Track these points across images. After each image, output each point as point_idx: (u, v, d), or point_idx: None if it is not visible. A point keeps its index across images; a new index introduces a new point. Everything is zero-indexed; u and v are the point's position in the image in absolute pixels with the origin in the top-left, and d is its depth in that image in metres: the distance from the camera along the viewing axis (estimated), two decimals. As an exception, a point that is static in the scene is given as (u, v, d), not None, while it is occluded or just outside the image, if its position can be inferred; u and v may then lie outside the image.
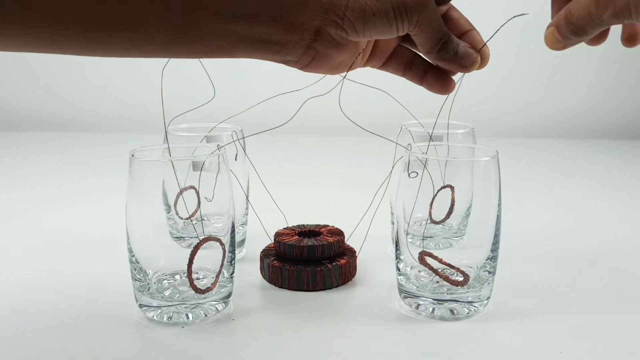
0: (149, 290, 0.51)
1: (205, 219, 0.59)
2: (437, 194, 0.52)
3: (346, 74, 0.48)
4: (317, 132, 1.40)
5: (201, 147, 0.57)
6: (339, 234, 0.62)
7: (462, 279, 0.51)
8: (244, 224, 0.68)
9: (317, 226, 0.64)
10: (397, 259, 0.53)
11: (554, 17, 0.42)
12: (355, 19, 0.41)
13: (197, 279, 0.52)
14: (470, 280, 0.51)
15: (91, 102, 1.63)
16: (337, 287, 0.58)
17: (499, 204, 0.51)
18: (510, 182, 0.58)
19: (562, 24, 0.41)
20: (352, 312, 0.54)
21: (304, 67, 0.45)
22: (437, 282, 0.52)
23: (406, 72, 0.50)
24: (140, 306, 0.52)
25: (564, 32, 0.41)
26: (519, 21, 0.46)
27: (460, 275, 0.51)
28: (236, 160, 0.62)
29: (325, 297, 0.57)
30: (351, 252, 0.62)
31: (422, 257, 0.51)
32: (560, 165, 1.25)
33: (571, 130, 1.54)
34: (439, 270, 0.51)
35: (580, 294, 0.57)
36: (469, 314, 0.52)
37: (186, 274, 0.49)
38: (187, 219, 0.55)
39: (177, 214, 0.57)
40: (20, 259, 0.67)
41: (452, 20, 0.47)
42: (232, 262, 0.53)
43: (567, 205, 0.93)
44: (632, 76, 1.59)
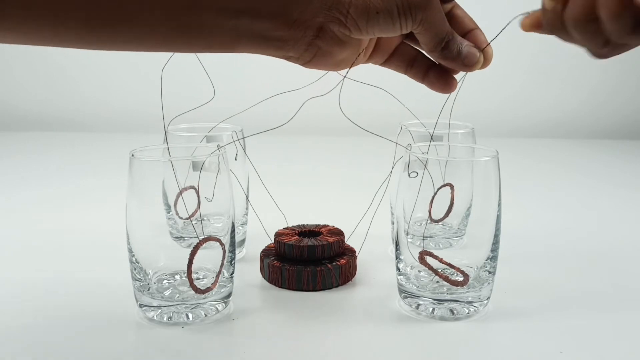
0: (149, 290, 0.51)
1: (205, 219, 0.59)
2: (436, 193, 0.52)
3: (347, 73, 0.48)
4: (317, 132, 1.40)
5: (201, 147, 0.57)
6: (339, 234, 0.62)
7: (462, 279, 0.51)
8: (244, 224, 0.68)
9: (317, 226, 0.64)
10: (397, 259, 0.53)
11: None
12: (358, 16, 0.41)
13: (197, 279, 0.52)
14: (470, 280, 0.51)
15: (91, 102, 1.63)
16: (337, 287, 0.58)
17: (499, 204, 0.51)
18: (510, 182, 0.58)
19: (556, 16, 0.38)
20: (352, 312, 0.54)
21: (306, 64, 0.45)
22: (437, 282, 0.52)
23: (408, 69, 0.50)
24: (140, 306, 0.52)
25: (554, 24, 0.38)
26: (513, 17, 0.46)
27: (460, 275, 0.51)
28: (236, 160, 0.62)
29: (325, 297, 0.57)
30: (351, 252, 0.62)
31: (422, 256, 0.51)
32: (560, 165, 1.25)
33: (571, 130, 1.54)
34: (439, 270, 0.51)
35: (580, 294, 0.57)
36: (469, 314, 0.52)
37: (186, 274, 0.49)
38: (187, 219, 0.55)
39: (177, 214, 0.57)
40: (20, 259, 0.67)
41: (456, 18, 0.46)
42: (232, 262, 0.53)
43: (567, 205, 0.93)
44: (632, 76, 1.59)
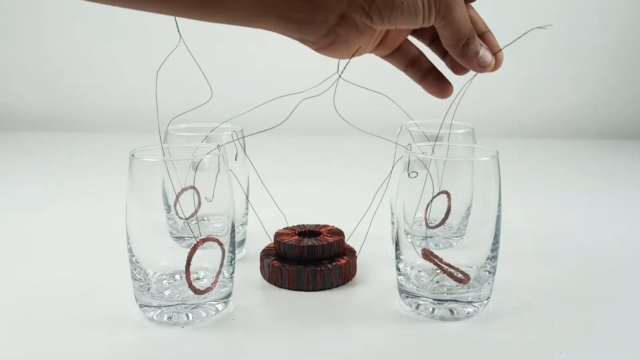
0: (149, 290, 0.51)
1: (205, 219, 0.59)
2: (432, 200, 0.52)
3: (342, 72, 0.47)
4: (317, 132, 1.40)
5: (202, 147, 0.57)
6: (339, 234, 0.62)
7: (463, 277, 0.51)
8: (244, 224, 0.68)
9: (317, 226, 0.64)
10: (397, 259, 0.53)
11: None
12: (383, 6, 0.41)
13: (197, 279, 0.52)
14: (470, 280, 0.51)
15: (91, 102, 1.63)
16: (337, 287, 0.58)
17: (499, 204, 0.51)
18: (510, 182, 0.58)
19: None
20: (352, 312, 0.54)
21: (320, 49, 0.44)
22: (437, 282, 0.52)
23: (408, 68, 0.50)
24: (140, 306, 0.52)
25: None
26: (519, 21, 0.46)
27: (460, 274, 0.51)
28: (236, 160, 0.62)
29: (325, 297, 0.57)
30: (351, 252, 0.62)
31: (426, 253, 0.51)
32: (560, 165, 1.25)
33: (571, 130, 1.54)
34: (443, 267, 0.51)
35: (580, 294, 0.57)
36: (469, 314, 0.52)
37: (184, 275, 0.49)
38: (187, 219, 0.55)
39: (177, 214, 0.57)
40: (20, 259, 0.67)
41: (471, 19, 0.47)
42: (232, 262, 0.53)
43: (567, 205, 0.93)
44: (632, 76, 1.59)
